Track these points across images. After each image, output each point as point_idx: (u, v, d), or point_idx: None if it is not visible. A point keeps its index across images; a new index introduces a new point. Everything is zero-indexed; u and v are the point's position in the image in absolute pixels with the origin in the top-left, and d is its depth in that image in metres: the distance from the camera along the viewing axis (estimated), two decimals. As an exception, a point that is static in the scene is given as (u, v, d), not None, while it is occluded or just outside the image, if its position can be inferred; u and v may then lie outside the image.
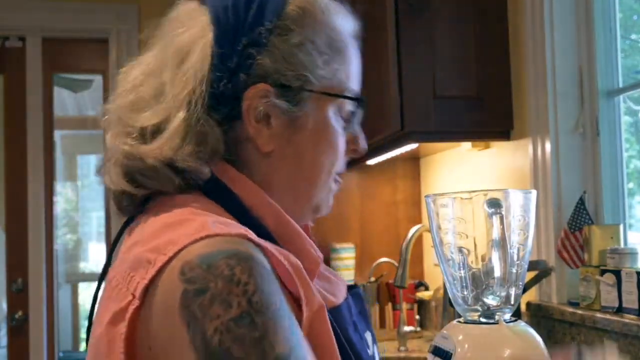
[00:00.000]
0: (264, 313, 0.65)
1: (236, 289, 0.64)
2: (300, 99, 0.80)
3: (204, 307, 0.64)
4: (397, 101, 2.03)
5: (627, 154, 1.90)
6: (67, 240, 4.42)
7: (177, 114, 0.76)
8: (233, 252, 0.66)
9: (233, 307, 0.64)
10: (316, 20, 0.82)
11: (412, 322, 2.62)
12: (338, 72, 0.84)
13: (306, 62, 0.80)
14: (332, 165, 0.85)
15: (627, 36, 1.96)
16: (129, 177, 0.78)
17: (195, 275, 0.65)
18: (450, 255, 0.91)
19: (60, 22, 3.26)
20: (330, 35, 0.83)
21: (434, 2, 2.05)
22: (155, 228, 0.73)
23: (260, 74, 0.78)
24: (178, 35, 0.81)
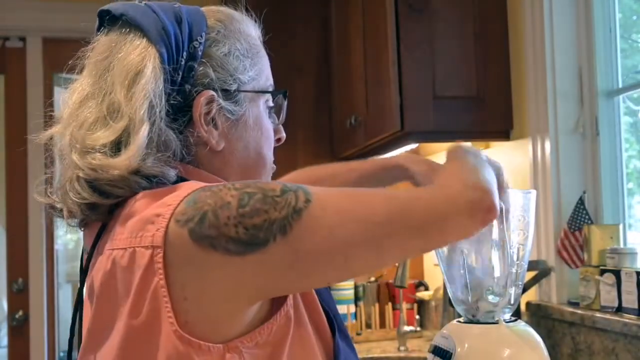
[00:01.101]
0: (248, 185, 0.76)
1: (222, 192, 0.74)
2: (238, 99, 0.91)
3: (213, 225, 0.72)
4: (397, 101, 2.03)
5: (626, 154, 1.90)
6: (68, 240, 4.41)
7: (140, 128, 0.82)
8: (208, 186, 0.77)
9: (231, 202, 0.73)
10: (234, 29, 0.93)
11: (412, 322, 2.62)
12: (260, 72, 0.95)
13: (237, 66, 0.91)
14: (269, 153, 0.96)
15: (627, 36, 1.96)
16: (97, 189, 0.82)
17: (189, 213, 0.73)
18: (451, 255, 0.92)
19: (60, 22, 3.26)
20: (247, 41, 0.94)
21: (434, 2, 2.05)
22: (149, 198, 0.79)
23: (202, 82, 0.88)
24: (120, 58, 0.87)
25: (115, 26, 0.90)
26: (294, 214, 0.73)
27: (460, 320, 0.91)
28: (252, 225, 0.72)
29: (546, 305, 1.89)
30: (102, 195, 0.82)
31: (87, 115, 0.86)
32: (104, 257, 0.79)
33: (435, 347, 0.90)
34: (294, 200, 0.74)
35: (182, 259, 0.73)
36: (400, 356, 2.36)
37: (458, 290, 0.92)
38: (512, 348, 0.85)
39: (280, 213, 0.73)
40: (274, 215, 0.73)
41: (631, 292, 1.59)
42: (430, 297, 2.62)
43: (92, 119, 0.85)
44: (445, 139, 2.18)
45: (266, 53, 0.99)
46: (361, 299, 2.77)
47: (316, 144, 2.85)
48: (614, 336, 1.62)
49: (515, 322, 0.88)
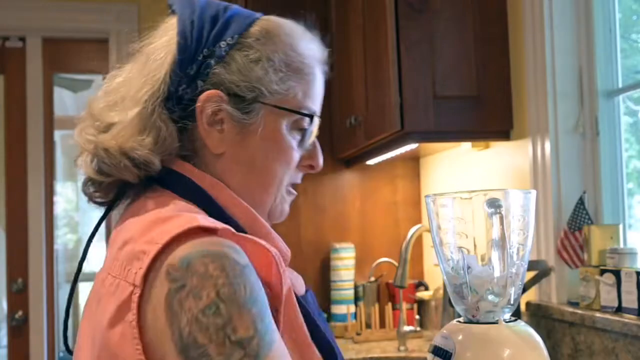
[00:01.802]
0: (231, 301, 0.71)
1: (208, 282, 0.71)
2: (252, 109, 0.88)
3: (181, 302, 0.71)
4: (397, 101, 2.03)
5: (627, 154, 1.90)
6: (67, 240, 4.42)
7: (133, 109, 0.85)
8: (210, 251, 0.73)
9: (202, 299, 0.70)
10: (277, 41, 0.90)
11: (412, 322, 2.62)
12: (293, 90, 0.91)
13: (261, 76, 0.88)
14: (283, 174, 0.92)
15: (627, 36, 1.96)
16: (96, 166, 0.86)
17: (177, 274, 0.72)
18: (450, 255, 0.91)
19: (60, 22, 3.27)
20: (290, 55, 0.91)
21: (434, 2, 2.05)
22: (146, 224, 0.79)
23: (215, 82, 0.87)
24: (148, 45, 0.91)
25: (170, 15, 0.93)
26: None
27: (460, 320, 0.91)
28: (194, 338, 0.70)
29: (546, 305, 1.89)
30: (97, 172, 0.85)
31: (110, 99, 0.89)
32: (102, 274, 0.81)
33: (435, 347, 0.90)
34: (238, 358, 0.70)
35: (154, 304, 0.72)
36: (400, 356, 2.36)
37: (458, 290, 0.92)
38: (512, 348, 0.84)
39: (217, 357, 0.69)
40: (212, 351, 0.69)
41: (631, 292, 1.59)
42: (430, 297, 2.63)
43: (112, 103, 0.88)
44: (445, 139, 2.18)
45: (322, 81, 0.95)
46: (361, 299, 2.77)
47: (316, 144, 2.85)
48: (614, 336, 1.62)
49: (515, 322, 0.88)
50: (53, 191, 3.35)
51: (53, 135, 3.36)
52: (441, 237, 0.93)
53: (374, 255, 2.85)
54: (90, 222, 4.60)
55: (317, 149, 0.96)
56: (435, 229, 0.93)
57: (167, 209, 0.81)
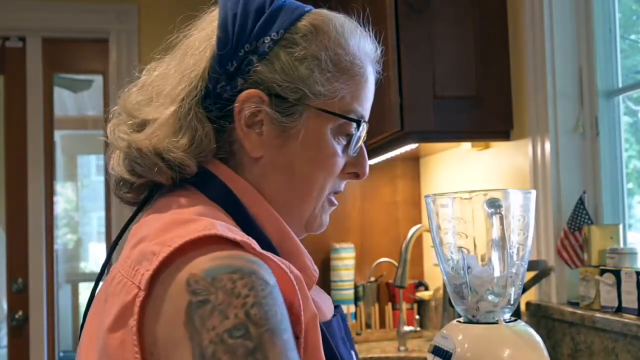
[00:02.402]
0: (261, 325, 0.65)
1: (235, 301, 0.65)
2: (294, 111, 0.82)
3: (203, 318, 0.65)
4: (397, 101, 2.03)
5: (626, 154, 1.90)
6: (67, 240, 4.42)
7: (168, 107, 0.80)
8: (237, 267, 0.67)
9: (230, 319, 0.64)
10: (326, 37, 0.84)
11: (412, 322, 2.62)
12: (341, 92, 0.84)
13: (306, 76, 0.82)
14: (325, 182, 0.85)
15: (627, 36, 1.96)
16: (128, 165, 0.81)
17: (200, 287, 0.66)
18: (450, 255, 0.91)
19: (60, 22, 3.26)
20: (339, 54, 0.84)
21: (434, 2, 2.05)
22: (163, 224, 0.74)
23: (257, 80, 0.81)
24: (189, 37, 0.85)
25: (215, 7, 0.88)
26: None
27: (460, 320, 0.91)
28: (217, 357, 0.64)
29: (546, 305, 1.89)
30: (129, 172, 0.81)
31: (145, 93, 0.84)
32: (113, 271, 0.76)
33: (435, 347, 0.90)
34: None
35: (167, 313, 0.67)
36: (400, 356, 2.36)
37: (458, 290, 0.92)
38: (512, 348, 0.85)
39: None
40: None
41: (631, 292, 1.59)
42: (430, 297, 2.62)
43: (147, 97, 0.84)
44: (445, 139, 2.18)
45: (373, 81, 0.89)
46: (361, 299, 2.77)
47: (316, 144, 2.85)
48: (614, 336, 1.61)
49: (515, 322, 0.88)
50: (53, 191, 3.35)
51: (53, 135, 3.36)
52: (441, 237, 0.93)
53: (374, 255, 2.85)
54: (90, 222, 4.60)
55: (364, 156, 0.89)
56: (435, 229, 0.93)
57: (189, 211, 0.76)
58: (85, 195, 4.59)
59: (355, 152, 0.88)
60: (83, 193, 4.59)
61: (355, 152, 0.88)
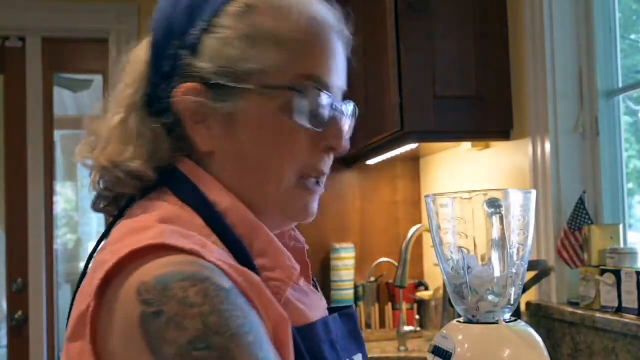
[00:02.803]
0: (222, 333, 0.63)
1: (191, 311, 0.63)
2: (233, 95, 0.77)
3: (160, 331, 0.63)
4: (397, 101, 2.03)
5: (627, 154, 1.90)
6: (67, 240, 4.42)
7: (114, 117, 0.79)
8: (189, 274, 0.65)
9: (189, 330, 0.62)
10: (259, 12, 0.78)
11: (412, 322, 2.62)
12: (284, 63, 0.77)
13: (235, 56, 0.77)
14: (282, 164, 0.78)
15: (627, 36, 1.96)
16: (102, 183, 0.82)
17: (151, 297, 0.64)
18: (450, 255, 0.91)
19: (60, 22, 3.26)
20: (281, 28, 0.78)
21: (434, 2, 2.05)
22: (121, 233, 0.73)
23: (190, 74, 0.77)
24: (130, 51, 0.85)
25: None
26: None
27: (460, 320, 0.91)
28: None
29: (546, 305, 1.89)
30: (105, 189, 0.81)
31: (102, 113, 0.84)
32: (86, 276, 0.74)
33: (435, 347, 0.90)
34: None
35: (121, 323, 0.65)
36: (400, 356, 2.36)
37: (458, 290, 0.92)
38: (512, 348, 0.84)
39: None
40: None
41: (631, 292, 1.59)
42: (430, 297, 2.62)
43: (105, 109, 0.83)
44: (445, 139, 2.19)
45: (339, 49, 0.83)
46: (361, 299, 2.76)
47: (316, 144, 2.85)
48: (614, 336, 1.61)
49: (515, 322, 0.88)
50: (53, 191, 3.35)
51: (53, 135, 3.36)
52: (441, 237, 0.93)
53: (374, 255, 2.85)
54: (90, 222, 4.60)
55: (337, 127, 0.81)
56: (435, 229, 0.93)
57: (150, 217, 0.74)
58: (85, 195, 4.58)
59: (324, 124, 0.80)
60: (83, 193, 4.58)
61: (322, 124, 0.80)
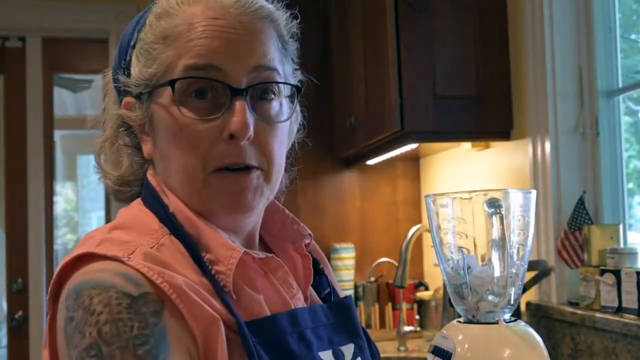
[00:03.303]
0: (112, 343, 0.66)
1: (90, 318, 0.68)
2: (143, 102, 0.81)
3: (70, 336, 0.69)
4: (397, 101, 2.03)
5: (627, 154, 1.90)
6: (67, 240, 4.42)
7: (104, 136, 0.88)
8: (97, 282, 0.70)
9: (86, 337, 0.67)
10: (157, 22, 0.82)
11: (412, 322, 2.62)
12: (173, 62, 0.78)
13: (143, 66, 0.81)
14: (187, 156, 0.78)
15: (627, 36, 1.96)
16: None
17: (70, 303, 0.70)
18: (450, 255, 0.91)
19: (60, 22, 3.26)
20: (167, 26, 0.80)
21: (434, 2, 2.05)
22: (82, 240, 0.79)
23: (126, 90, 0.83)
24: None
25: None
26: None
27: (460, 320, 0.91)
28: None
29: (546, 305, 1.89)
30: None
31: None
32: None
33: (435, 347, 0.90)
34: None
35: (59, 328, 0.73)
36: (400, 356, 2.36)
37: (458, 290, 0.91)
38: (512, 348, 0.84)
39: None
40: None
41: (631, 292, 1.59)
42: (430, 297, 2.62)
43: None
44: (445, 139, 2.19)
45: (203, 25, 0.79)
46: (361, 299, 2.76)
47: (316, 144, 2.84)
48: (614, 336, 1.61)
49: (515, 322, 0.88)
50: (53, 191, 3.35)
51: (53, 135, 3.36)
52: (441, 237, 0.93)
53: (374, 255, 2.85)
54: (90, 222, 4.60)
55: (233, 112, 0.77)
56: (435, 229, 0.93)
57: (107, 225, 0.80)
58: (85, 195, 4.59)
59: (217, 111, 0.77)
60: (83, 193, 4.59)
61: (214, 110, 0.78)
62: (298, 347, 0.79)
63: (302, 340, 0.80)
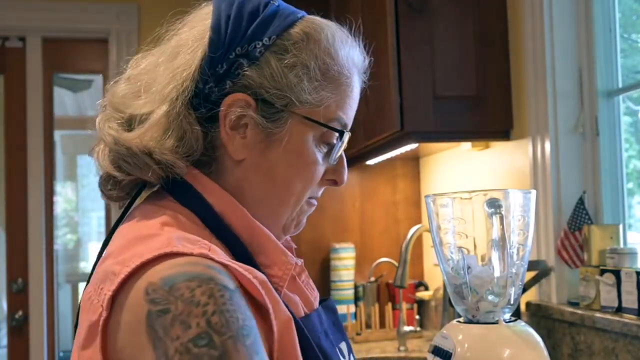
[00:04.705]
0: (223, 333, 0.66)
1: (195, 310, 0.67)
2: (280, 117, 0.82)
3: (165, 328, 0.66)
4: (397, 101, 2.03)
5: (626, 154, 1.90)
6: (67, 240, 4.42)
7: (160, 106, 0.80)
8: (194, 274, 0.69)
9: (192, 328, 0.66)
10: (317, 46, 0.84)
11: (412, 322, 2.62)
12: (327, 100, 0.84)
13: (294, 84, 0.82)
14: (304, 189, 0.86)
15: (627, 36, 1.96)
16: (114, 161, 0.82)
17: (159, 296, 0.68)
18: (450, 255, 0.91)
19: (60, 22, 3.26)
20: (328, 63, 0.85)
21: (434, 2, 2.05)
22: (126, 241, 0.76)
23: (245, 84, 0.81)
24: (179, 34, 0.85)
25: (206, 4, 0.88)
26: None
27: (460, 320, 0.91)
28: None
29: (546, 305, 1.89)
30: (116, 168, 0.82)
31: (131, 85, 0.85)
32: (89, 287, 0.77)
33: (435, 347, 0.90)
34: None
35: (127, 324, 0.69)
36: (400, 356, 2.36)
37: (458, 290, 0.92)
38: (512, 348, 0.85)
39: None
40: None
41: (631, 292, 1.59)
42: (430, 297, 2.62)
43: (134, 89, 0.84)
44: (445, 139, 2.18)
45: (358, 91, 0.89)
46: (361, 299, 2.77)
47: (316, 144, 2.85)
48: (614, 336, 1.61)
49: (515, 322, 0.88)
50: (53, 191, 3.35)
51: (53, 135, 3.36)
52: (441, 237, 0.93)
53: (374, 255, 2.85)
54: (90, 222, 4.60)
55: (343, 165, 0.90)
56: (435, 229, 0.93)
57: (153, 222, 0.78)
58: (85, 195, 4.59)
59: (336, 161, 0.89)
60: (83, 193, 4.58)
61: (335, 160, 0.89)
62: (327, 344, 0.84)
63: (327, 338, 0.85)
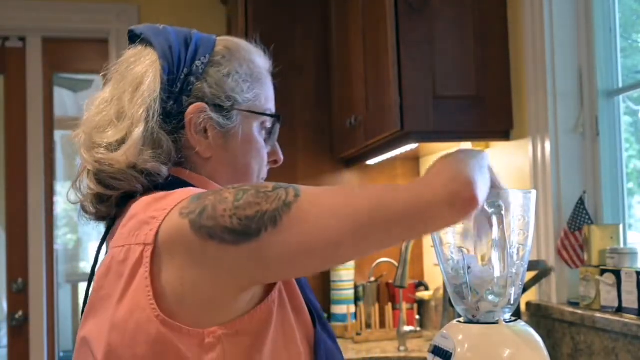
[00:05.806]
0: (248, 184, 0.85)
1: (222, 191, 0.84)
2: (230, 115, 1.01)
3: (210, 217, 0.81)
4: (397, 101, 2.03)
5: (627, 154, 1.90)
6: (67, 240, 4.42)
7: (137, 127, 0.96)
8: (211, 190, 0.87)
9: (228, 197, 0.82)
10: (239, 56, 1.05)
11: (412, 322, 2.62)
12: (258, 96, 1.05)
13: (233, 87, 1.02)
14: (259, 169, 1.06)
15: (627, 36, 1.96)
16: (102, 181, 0.96)
17: (192, 207, 0.83)
18: (450, 255, 0.92)
19: (60, 22, 3.26)
20: (250, 68, 1.05)
21: (434, 2, 2.05)
22: (146, 202, 0.90)
23: (198, 96, 1.00)
24: (132, 69, 1.01)
25: (137, 44, 1.05)
26: (284, 207, 0.80)
27: (460, 320, 0.91)
28: (245, 216, 0.80)
29: (546, 305, 1.89)
30: (106, 188, 0.96)
31: (101, 119, 0.99)
32: (107, 256, 0.92)
33: (435, 347, 0.90)
34: (285, 195, 0.81)
35: (180, 247, 0.82)
36: (400, 356, 2.36)
37: (458, 290, 0.92)
38: (512, 348, 0.85)
39: (271, 205, 0.80)
40: (265, 207, 0.80)
41: (631, 292, 1.59)
42: (430, 297, 2.62)
43: (104, 122, 0.99)
44: (445, 139, 2.18)
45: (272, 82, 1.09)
46: (361, 299, 2.76)
47: (316, 144, 2.85)
48: (614, 336, 1.61)
49: (515, 322, 0.88)
50: (53, 191, 3.35)
51: (53, 135, 3.36)
52: (441, 237, 0.93)
53: (374, 255, 2.85)
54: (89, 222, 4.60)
55: (278, 146, 1.10)
56: (435, 229, 0.93)
57: (162, 193, 0.91)
58: (85, 195, 4.58)
59: (273, 143, 1.08)
60: (83, 193, 4.58)
61: (273, 142, 1.08)
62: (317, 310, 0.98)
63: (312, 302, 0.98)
